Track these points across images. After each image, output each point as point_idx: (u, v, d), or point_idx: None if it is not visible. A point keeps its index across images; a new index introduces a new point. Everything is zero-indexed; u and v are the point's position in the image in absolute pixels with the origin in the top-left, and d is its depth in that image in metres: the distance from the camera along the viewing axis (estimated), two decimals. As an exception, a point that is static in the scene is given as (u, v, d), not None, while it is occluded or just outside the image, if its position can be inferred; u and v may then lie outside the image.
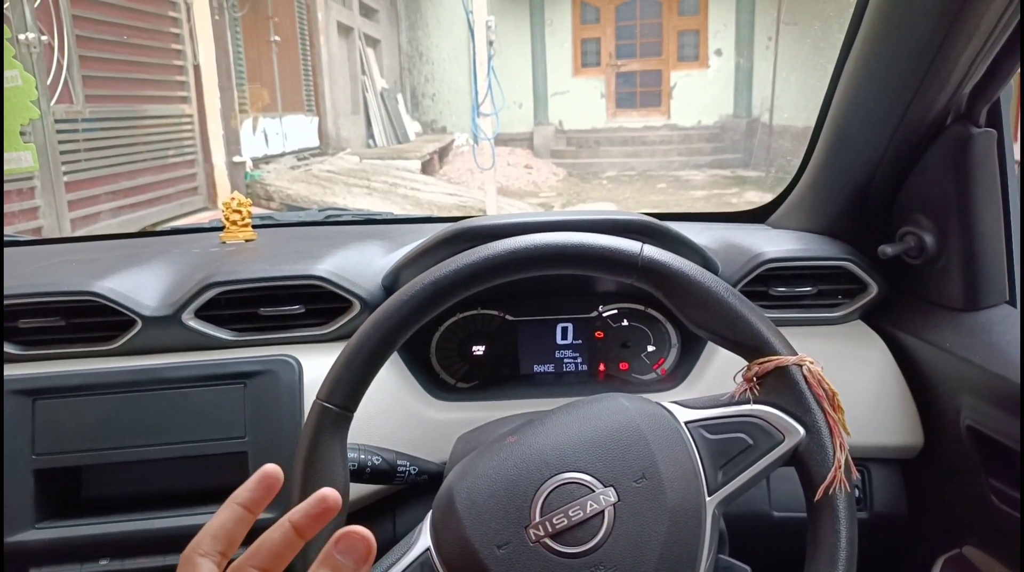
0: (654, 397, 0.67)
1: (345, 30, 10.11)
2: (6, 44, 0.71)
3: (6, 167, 0.74)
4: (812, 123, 1.03)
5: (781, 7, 9.38)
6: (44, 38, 4.35)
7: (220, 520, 0.44)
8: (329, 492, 0.44)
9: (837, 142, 0.95)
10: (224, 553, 0.43)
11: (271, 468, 0.45)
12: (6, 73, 0.72)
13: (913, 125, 0.85)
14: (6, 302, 0.86)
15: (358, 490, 0.83)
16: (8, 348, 0.88)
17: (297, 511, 0.43)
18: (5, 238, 1.27)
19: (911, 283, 0.95)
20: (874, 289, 0.95)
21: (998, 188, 0.84)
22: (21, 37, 3.94)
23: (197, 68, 6.18)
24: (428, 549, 0.58)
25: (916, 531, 0.92)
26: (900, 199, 0.93)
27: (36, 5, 4.28)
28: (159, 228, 1.46)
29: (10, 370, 0.86)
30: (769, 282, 0.95)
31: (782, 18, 9.12)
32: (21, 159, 0.75)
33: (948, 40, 0.75)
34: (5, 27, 0.72)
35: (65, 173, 4.66)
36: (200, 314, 0.90)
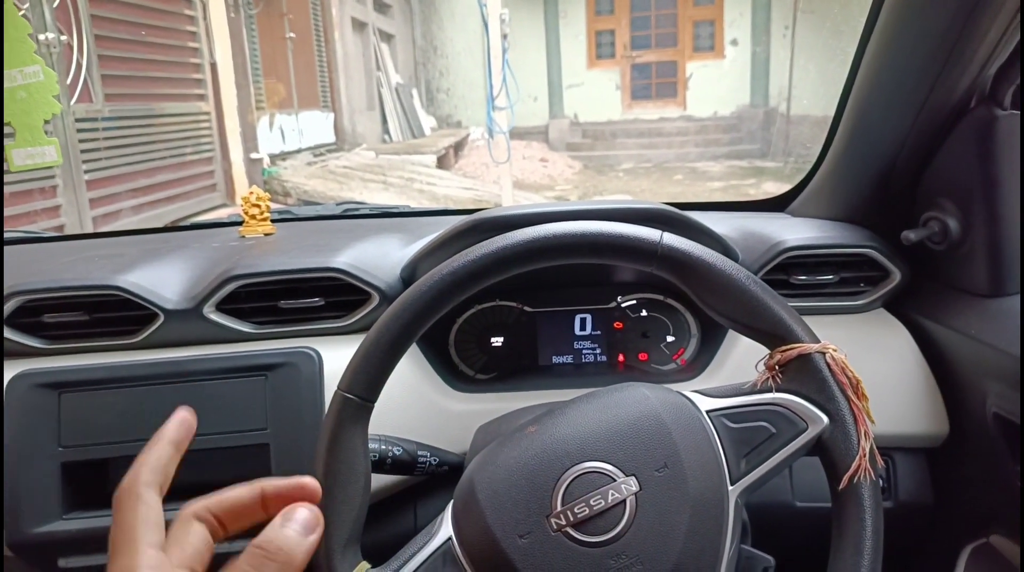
0: (675, 387, 0.66)
1: (359, 26, 10.13)
2: (27, 40, 0.72)
3: (31, 162, 0.74)
4: (831, 112, 1.01)
5: (798, -5, 9.27)
6: (63, 38, 4.39)
7: (155, 455, 0.47)
8: (309, 481, 0.45)
9: (858, 127, 0.94)
10: (162, 486, 0.45)
11: (184, 413, 0.50)
12: (28, 69, 0.73)
13: (936, 108, 0.84)
14: (32, 297, 0.87)
15: (379, 481, 0.83)
16: (33, 342, 0.89)
17: (272, 484, 0.45)
18: (30, 235, 1.29)
19: (935, 269, 0.93)
20: (897, 276, 0.94)
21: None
22: (41, 37, 3.98)
23: (214, 66, 6.22)
24: (450, 539, 0.58)
25: (942, 520, 0.91)
26: (923, 184, 0.92)
27: (55, 5, 4.32)
28: (179, 224, 1.47)
29: (35, 364, 0.87)
30: (790, 270, 0.95)
31: (799, 6, 9.01)
32: (45, 154, 0.75)
33: (972, 20, 0.73)
34: (26, 23, 0.73)
35: (86, 171, 4.71)
36: (221, 307, 0.90)
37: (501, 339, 1.02)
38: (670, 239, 0.62)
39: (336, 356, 0.88)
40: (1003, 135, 0.81)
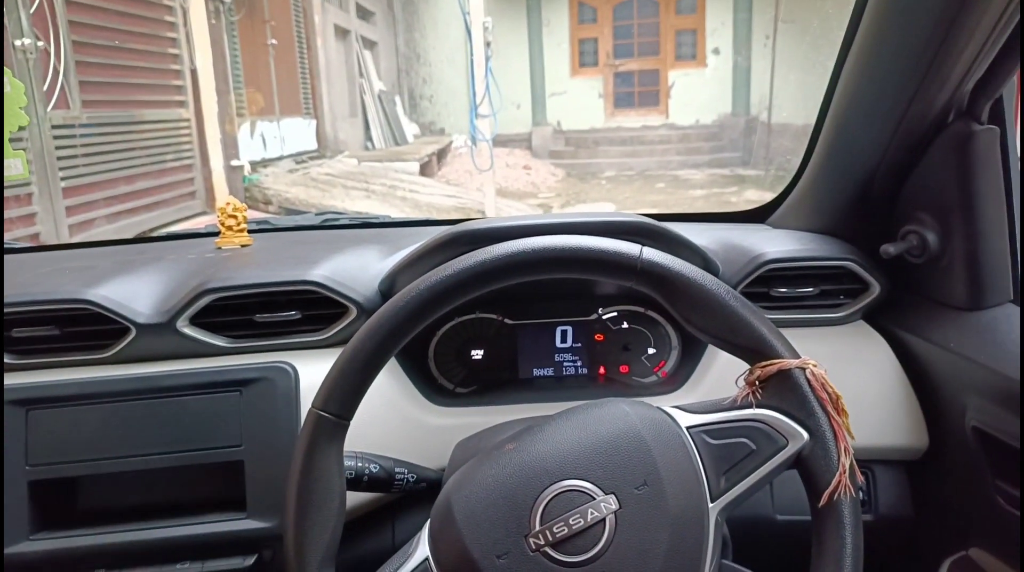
0: (655, 400, 0.66)
1: (342, 33, 10.10)
2: (-5, 50, 0.70)
3: (-6, 175, 0.73)
4: (811, 121, 1.02)
5: (779, 5, 9.38)
6: (40, 44, 4.34)
7: None
8: None
9: (838, 140, 0.94)
10: None
11: None
12: (-8, 80, 0.71)
13: (915, 122, 0.84)
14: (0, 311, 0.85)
15: (356, 499, 0.82)
16: (1, 357, 0.87)
17: None
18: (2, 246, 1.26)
19: (914, 282, 0.94)
20: (876, 289, 0.94)
21: (1001, 185, 0.83)
22: (17, 43, 3.93)
23: (194, 72, 6.16)
24: (426, 559, 0.57)
25: (922, 533, 0.91)
26: (902, 197, 0.92)
27: (32, 11, 4.27)
28: (155, 234, 1.45)
29: (4, 380, 0.85)
30: (770, 283, 0.95)
31: (780, 16, 9.11)
32: (11, 167, 0.74)
33: (950, 36, 0.74)
34: (-4, 33, 0.71)
35: (62, 179, 4.64)
36: (195, 321, 0.89)
37: (481, 352, 1.01)
38: (650, 254, 0.62)
39: (312, 371, 0.86)
40: (980, 149, 0.82)
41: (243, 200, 1.15)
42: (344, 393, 0.60)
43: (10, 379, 0.85)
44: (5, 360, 0.87)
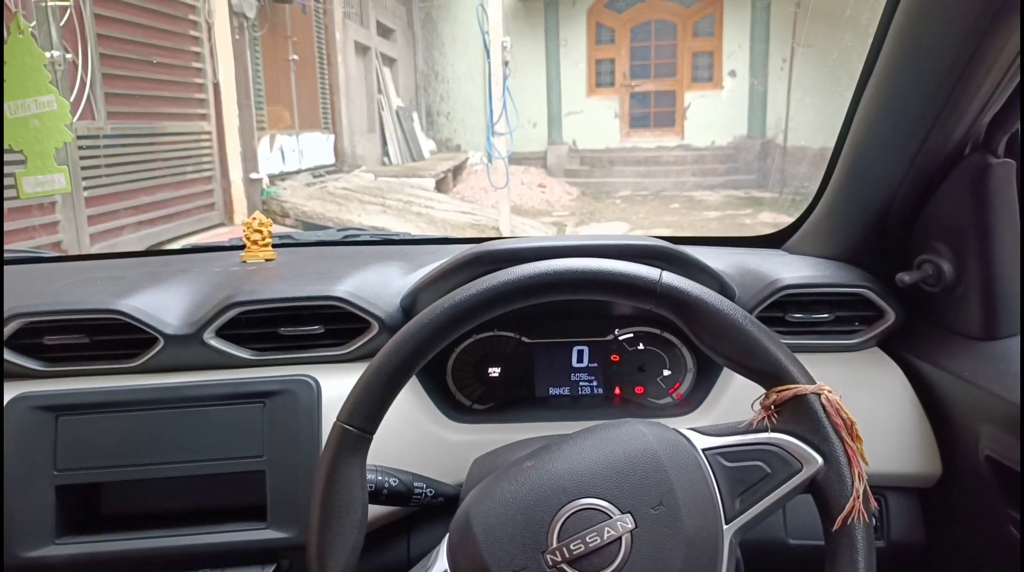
0: (670, 422, 0.67)
1: (362, 49, 10.22)
2: (42, 70, 0.73)
3: (41, 189, 0.75)
4: (827, 145, 1.03)
5: (796, 30, 9.40)
6: (69, 56, 4.43)
7: None
8: None
9: (855, 169, 0.96)
10: None
11: None
12: (43, 98, 0.74)
13: (932, 154, 0.85)
14: (32, 319, 0.88)
15: (374, 512, 0.83)
16: (32, 364, 0.90)
17: None
18: (30, 254, 1.30)
19: (929, 311, 0.94)
20: (891, 316, 0.95)
21: (1016, 218, 0.84)
22: (47, 55, 4.01)
23: (216, 86, 6.26)
24: None
25: (934, 561, 0.91)
26: (918, 226, 0.93)
27: (62, 24, 4.36)
28: (180, 246, 1.47)
29: (34, 386, 0.87)
30: (786, 308, 0.95)
31: (797, 40, 9.14)
32: (55, 181, 0.76)
33: (968, 70, 0.75)
34: (42, 54, 0.74)
35: (85, 188, 4.72)
36: (221, 333, 0.91)
37: (498, 369, 1.03)
38: (669, 278, 0.63)
39: (334, 384, 0.88)
40: (996, 182, 0.83)
41: (261, 212, 1.17)
42: (369, 407, 0.62)
43: (41, 385, 0.88)
44: (36, 367, 0.90)
